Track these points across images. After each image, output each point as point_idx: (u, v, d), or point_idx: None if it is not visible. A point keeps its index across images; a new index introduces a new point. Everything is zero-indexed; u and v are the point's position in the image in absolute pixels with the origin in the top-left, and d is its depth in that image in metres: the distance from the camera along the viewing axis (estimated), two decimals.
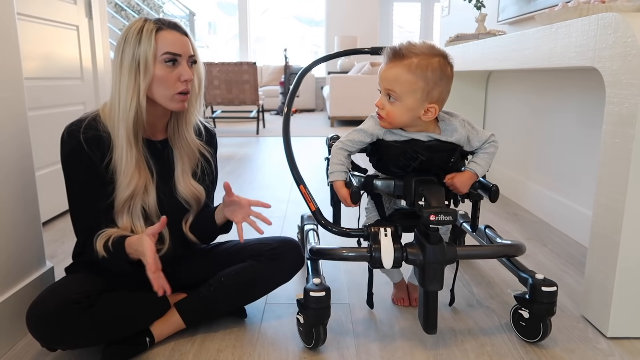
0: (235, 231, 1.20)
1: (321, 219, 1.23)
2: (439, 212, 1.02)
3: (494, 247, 1.29)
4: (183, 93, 1.11)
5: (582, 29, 1.25)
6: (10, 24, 1.18)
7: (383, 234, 1.11)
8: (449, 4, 3.82)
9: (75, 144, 1.07)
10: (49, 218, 2.06)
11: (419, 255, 1.08)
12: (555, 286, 1.11)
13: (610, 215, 1.16)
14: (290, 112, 1.39)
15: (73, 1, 2.19)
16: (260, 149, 4.27)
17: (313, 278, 1.12)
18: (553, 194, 2.10)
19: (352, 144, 1.19)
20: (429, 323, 1.10)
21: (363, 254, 1.13)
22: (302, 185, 1.29)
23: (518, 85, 2.45)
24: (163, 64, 1.08)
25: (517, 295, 1.18)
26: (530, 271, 1.18)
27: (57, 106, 2.08)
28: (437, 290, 1.08)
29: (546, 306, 1.11)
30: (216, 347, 1.16)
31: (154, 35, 1.06)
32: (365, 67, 5.95)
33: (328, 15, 8.06)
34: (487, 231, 1.41)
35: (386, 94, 1.11)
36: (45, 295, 1.04)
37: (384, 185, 1.17)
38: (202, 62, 1.18)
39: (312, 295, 1.07)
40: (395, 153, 1.15)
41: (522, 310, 1.16)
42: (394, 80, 1.09)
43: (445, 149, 1.15)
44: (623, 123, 1.11)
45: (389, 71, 1.10)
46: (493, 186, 1.18)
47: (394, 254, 1.09)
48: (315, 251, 1.21)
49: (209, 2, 8.54)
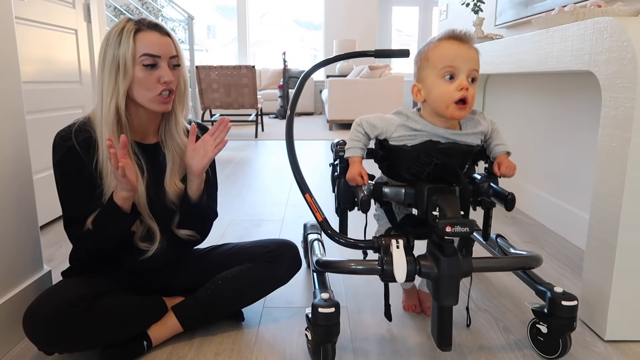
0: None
1: (329, 230, 1.15)
2: (455, 223, 0.95)
3: (510, 259, 1.20)
4: (165, 94, 1.10)
5: (578, 33, 1.26)
6: (9, 28, 1.18)
7: (395, 245, 1.04)
8: (447, 8, 3.83)
9: (67, 149, 1.07)
10: (46, 222, 2.06)
11: (433, 269, 1.02)
12: (576, 300, 1.05)
13: (607, 219, 1.17)
14: (293, 116, 1.33)
15: (72, 5, 2.19)
16: (258, 152, 4.27)
17: (321, 293, 1.05)
18: (550, 197, 2.10)
19: (367, 126, 1.11)
20: (444, 339, 1.02)
21: (373, 267, 1.05)
22: (308, 193, 1.22)
23: (515, 89, 2.45)
24: (142, 66, 1.07)
25: (535, 308, 1.12)
26: (547, 284, 1.12)
27: (56, 110, 2.08)
28: (452, 305, 1.01)
29: (566, 321, 1.05)
30: (214, 351, 1.16)
31: (132, 36, 1.06)
32: (363, 71, 5.96)
33: (327, 19, 8.07)
34: (499, 241, 1.35)
35: (469, 75, 1.03)
36: (42, 298, 1.03)
37: (394, 194, 1.10)
38: (186, 62, 1.16)
39: (321, 312, 1.00)
40: (409, 157, 1.08)
41: (540, 325, 1.11)
42: (478, 60, 1.04)
43: (460, 152, 1.09)
44: (619, 126, 1.12)
45: (469, 51, 1.03)
46: (509, 194, 1.09)
47: (407, 267, 1.02)
48: (322, 263, 1.13)
49: (208, 5, 8.56)
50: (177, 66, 1.13)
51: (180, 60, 1.13)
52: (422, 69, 1.08)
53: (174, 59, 1.12)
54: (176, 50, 1.12)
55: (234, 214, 2.31)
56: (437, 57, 1.04)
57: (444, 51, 1.04)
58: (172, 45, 1.11)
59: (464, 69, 1.02)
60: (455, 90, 1.02)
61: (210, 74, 5.03)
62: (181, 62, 1.14)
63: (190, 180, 1.16)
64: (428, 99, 1.07)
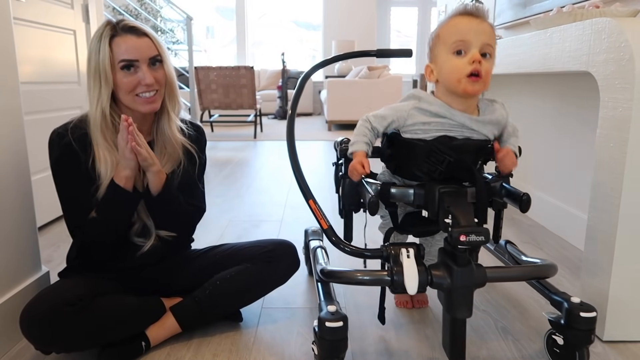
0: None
1: (334, 237, 1.11)
2: (470, 231, 0.89)
3: (525, 269, 1.14)
4: (145, 95, 1.10)
5: (576, 33, 1.26)
6: (7, 29, 1.18)
7: (405, 255, 0.97)
8: (446, 8, 3.84)
9: (63, 146, 1.08)
10: (44, 222, 2.06)
11: (445, 279, 0.95)
12: (595, 312, 1.00)
13: (605, 219, 1.17)
14: (294, 117, 1.28)
15: (70, 6, 2.19)
16: (257, 153, 4.26)
17: (327, 305, 0.99)
18: (549, 197, 2.10)
19: (375, 119, 1.08)
20: (456, 353, 0.97)
21: (382, 278, 0.99)
22: (312, 200, 1.17)
23: (514, 90, 2.46)
24: (121, 71, 1.07)
25: (551, 319, 1.07)
26: (563, 293, 1.07)
27: (54, 110, 2.08)
28: (466, 317, 0.96)
29: (584, 334, 1.00)
30: (212, 352, 1.15)
31: (108, 43, 1.06)
32: (362, 72, 5.96)
33: (325, 19, 8.08)
34: (509, 247, 1.29)
35: (482, 49, 0.99)
36: (39, 297, 1.04)
37: (402, 194, 1.03)
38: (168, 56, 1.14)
39: (328, 327, 0.94)
40: (420, 154, 1.03)
41: (557, 336, 1.07)
42: (492, 35, 1.00)
43: (473, 148, 1.05)
44: (617, 127, 1.12)
45: (482, 25, 1.00)
46: (524, 195, 1.04)
47: (419, 277, 0.95)
48: (326, 273, 1.07)
49: (206, 6, 8.55)
50: (159, 64, 1.12)
51: (162, 57, 1.12)
52: (434, 47, 1.05)
53: (154, 59, 1.11)
54: (157, 48, 1.11)
55: (233, 215, 2.31)
56: (448, 32, 1.02)
57: (455, 26, 1.01)
58: (151, 45, 1.10)
59: (475, 43, 0.98)
60: (467, 64, 0.98)
61: (209, 74, 5.03)
62: (164, 58, 1.13)
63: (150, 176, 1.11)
64: (440, 77, 1.04)
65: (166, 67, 1.14)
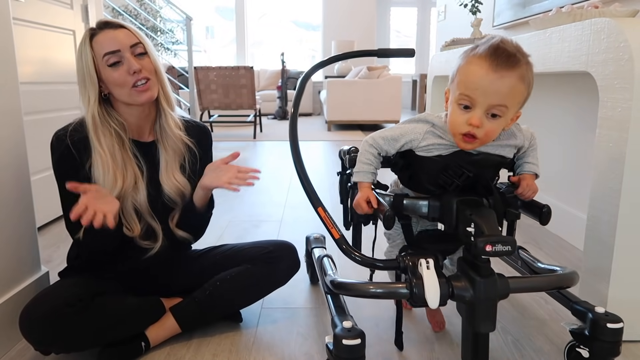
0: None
1: (344, 245, 1.04)
2: (496, 241, 0.83)
3: (548, 279, 1.04)
4: (139, 84, 1.10)
5: (575, 34, 1.26)
6: (6, 29, 1.18)
7: (425, 266, 0.90)
8: (445, 9, 3.84)
9: (63, 149, 1.09)
10: (44, 223, 2.06)
11: (468, 290, 0.89)
12: (622, 322, 0.94)
13: (605, 219, 1.17)
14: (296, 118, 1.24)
15: (69, 6, 2.19)
16: (257, 153, 4.26)
17: (342, 321, 0.91)
18: (548, 197, 2.10)
19: (385, 142, 1.01)
20: None
21: (398, 291, 0.91)
22: (321, 207, 1.10)
23: None
24: (109, 68, 1.09)
25: (573, 330, 1.00)
26: (585, 303, 1.01)
27: (53, 111, 2.08)
28: (490, 331, 0.90)
29: (610, 345, 0.94)
30: (212, 352, 1.15)
31: (88, 44, 1.09)
32: (362, 72, 5.96)
33: (325, 19, 8.08)
34: (522, 254, 1.22)
35: (488, 110, 0.90)
36: (39, 297, 1.04)
37: (416, 207, 0.99)
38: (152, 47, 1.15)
39: (345, 344, 0.86)
40: (436, 168, 0.98)
41: (581, 349, 0.99)
42: (509, 94, 0.89)
43: (493, 164, 1.00)
44: (617, 127, 1.12)
45: (501, 82, 0.87)
46: (545, 207, 0.98)
47: (440, 289, 0.88)
48: (337, 285, 0.99)
49: (206, 6, 8.55)
50: (143, 54, 1.12)
51: (145, 47, 1.13)
52: (452, 81, 0.96)
53: (137, 47, 1.11)
54: (136, 37, 1.12)
55: (233, 215, 2.31)
56: (461, 76, 0.92)
57: (470, 74, 0.90)
58: (129, 34, 1.11)
59: (482, 103, 0.89)
60: (464, 123, 0.91)
61: (209, 74, 5.03)
62: (147, 49, 1.13)
63: (197, 189, 1.19)
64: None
65: (151, 57, 1.14)
